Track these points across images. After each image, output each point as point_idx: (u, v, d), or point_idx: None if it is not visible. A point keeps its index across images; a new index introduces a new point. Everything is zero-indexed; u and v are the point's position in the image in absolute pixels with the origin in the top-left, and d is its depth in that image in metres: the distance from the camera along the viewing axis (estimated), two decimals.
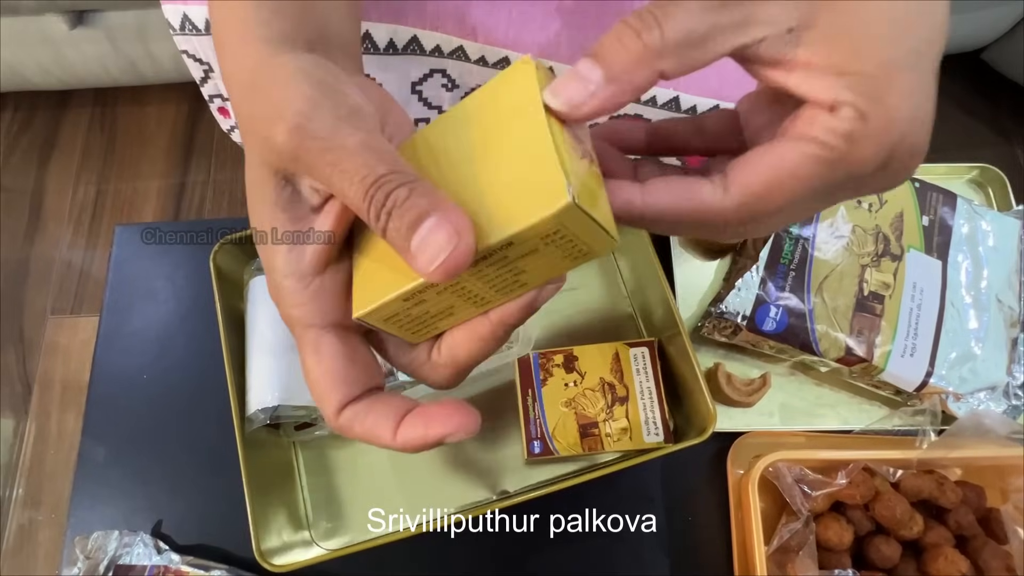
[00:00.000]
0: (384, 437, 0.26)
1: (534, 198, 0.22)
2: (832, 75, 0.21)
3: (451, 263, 0.21)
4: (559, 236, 0.22)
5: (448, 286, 0.24)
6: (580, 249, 0.23)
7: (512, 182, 0.23)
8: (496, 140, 0.24)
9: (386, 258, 0.25)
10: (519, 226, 0.22)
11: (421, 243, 0.21)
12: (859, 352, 0.49)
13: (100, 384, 0.54)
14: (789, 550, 0.46)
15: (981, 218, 0.54)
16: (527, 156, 0.23)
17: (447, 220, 0.21)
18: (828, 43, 0.21)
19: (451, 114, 0.26)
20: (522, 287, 0.25)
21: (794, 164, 0.22)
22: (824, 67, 0.21)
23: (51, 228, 1.48)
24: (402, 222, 0.21)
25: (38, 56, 1.34)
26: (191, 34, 0.52)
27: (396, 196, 0.22)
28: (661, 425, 0.48)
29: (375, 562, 0.48)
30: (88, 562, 0.47)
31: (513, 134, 0.23)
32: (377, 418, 0.26)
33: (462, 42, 0.49)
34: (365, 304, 0.25)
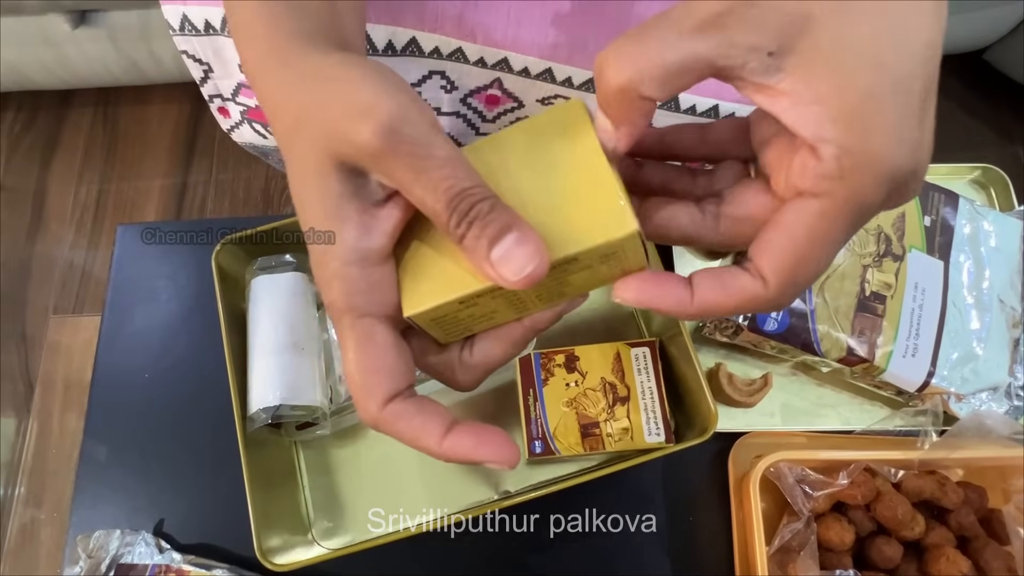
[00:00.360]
0: (430, 441, 0.27)
1: (603, 222, 0.25)
2: (814, 106, 0.21)
3: (535, 275, 0.24)
4: (613, 256, 0.26)
5: (502, 292, 0.26)
6: (623, 268, 0.27)
7: (579, 205, 0.26)
8: (555, 167, 0.27)
9: (438, 262, 0.27)
10: (588, 244, 0.25)
11: (505, 254, 0.24)
12: (860, 352, 0.49)
13: (102, 383, 0.54)
14: (790, 550, 0.46)
15: (983, 218, 0.54)
16: (590, 184, 0.26)
17: (530, 237, 0.24)
18: (809, 71, 0.21)
19: (503, 137, 0.28)
20: (561, 297, 0.28)
21: (808, 229, 0.23)
22: (806, 98, 0.21)
23: (53, 228, 1.49)
24: (484, 232, 0.24)
25: (41, 56, 1.34)
26: (191, 34, 0.52)
27: (480, 208, 0.24)
28: (662, 425, 0.48)
29: (376, 562, 0.48)
30: (90, 561, 0.47)
31: (572, 163, 0.26)
32: (426, 420, 0.27)
33: (461, 43, 0.49)
34: (419, 304, 0.27)
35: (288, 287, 0.48)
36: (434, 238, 0.27)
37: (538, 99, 0.54)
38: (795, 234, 0.23)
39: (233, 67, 0.53)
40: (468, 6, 0.47)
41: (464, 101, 0.54)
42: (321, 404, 0.46)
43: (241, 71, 0.53)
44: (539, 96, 0.53)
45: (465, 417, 0.53)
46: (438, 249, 0.27)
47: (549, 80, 0.51)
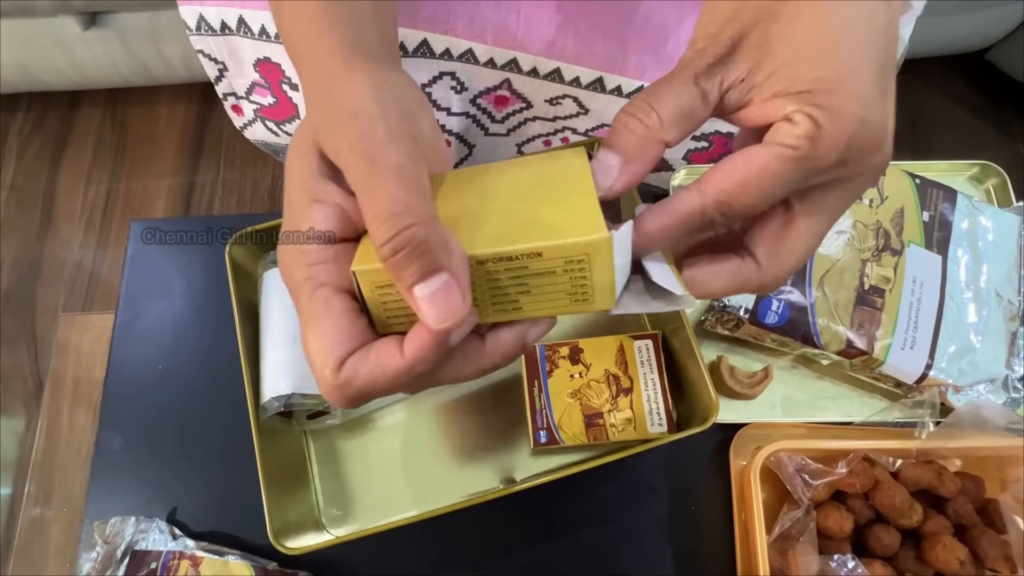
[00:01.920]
0: (393, 360, 0.26)
1: (575, 226, 0.25)
2: (780, 98, 0.25)
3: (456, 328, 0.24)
4: (579, 267, 0.26)
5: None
6: (584, 292, 0.27)
7: (555, 211, 0.26)
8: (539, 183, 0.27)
9: None
10: (555, 240, 0.25)
11: (430, 295, 0.24)
12: (860, 345, 0.50)
13: (116, 375, 0.55)
14: (790, 538, 0.47)
15: (981, 214, 0.55)
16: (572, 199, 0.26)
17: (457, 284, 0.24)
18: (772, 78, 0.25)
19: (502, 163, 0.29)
20: (516, 311, 0.28)
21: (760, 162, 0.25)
22: (773, 95, 0.25)
23: (62, 227, 1.50)
24: (408, 265, 0.24)
25: (51, 57, 1.36)
26: (207, 34, 0.53)
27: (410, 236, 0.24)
28: (665, 416, 0.49)
29: (384, 548, 0.50)
30: (106, 547, 0.48)
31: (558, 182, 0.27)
32: (379, 351, 0.26)
33: (471, 44, 0.50)
34: (367, 262, 0.26)
35: None
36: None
37: (546, 99, 0.55)
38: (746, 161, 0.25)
39: (247, 66, 0.54)
40: (479, 7, 0.49)
41: (474, 102, 0.56)
42: None
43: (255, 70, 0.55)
44: (547, 96, 0.54)
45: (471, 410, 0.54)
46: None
47: (557, 80, 0.52)
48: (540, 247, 0.25)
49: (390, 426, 0.53)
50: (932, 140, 1.50)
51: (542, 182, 0.27)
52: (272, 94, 0.56)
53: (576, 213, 0.26)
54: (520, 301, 0.27)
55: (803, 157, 0.24)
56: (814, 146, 0.24)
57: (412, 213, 0.24)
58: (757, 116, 0.26)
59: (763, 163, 0.25)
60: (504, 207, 0.27)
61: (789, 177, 0.25)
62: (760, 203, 0.26)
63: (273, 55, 0.52)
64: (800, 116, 0.24)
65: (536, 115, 0.57)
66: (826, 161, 0.24)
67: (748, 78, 0.25)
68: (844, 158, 0.24)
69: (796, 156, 0.24)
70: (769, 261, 0.28)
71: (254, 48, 0.53)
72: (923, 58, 1.47)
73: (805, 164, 0.24)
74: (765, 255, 0.28)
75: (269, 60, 0.53)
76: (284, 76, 0.53)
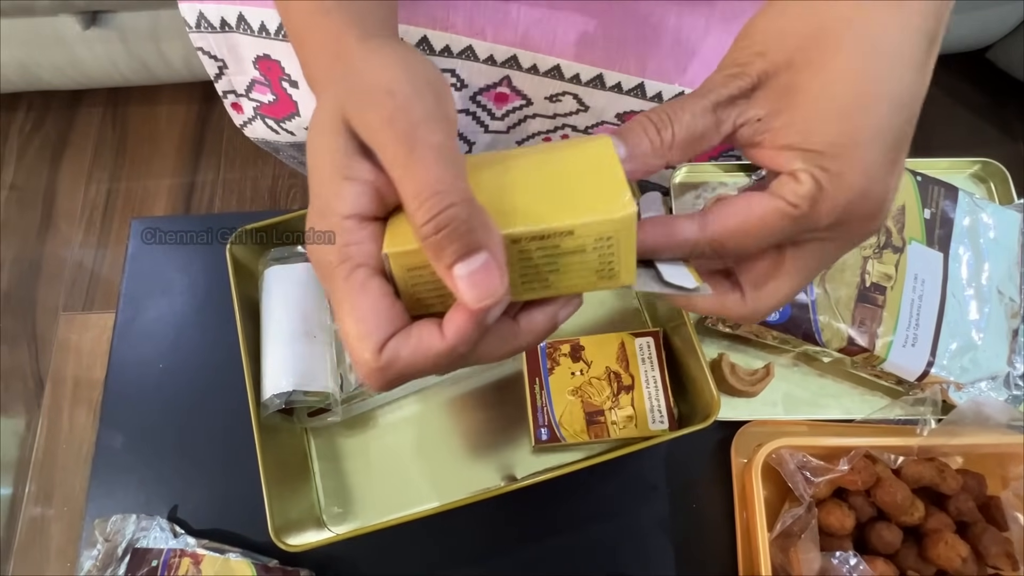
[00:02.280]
0: (435, 342, 0.25)
1: (604, 204, 0.26)
2: (790, 152, 0.26)
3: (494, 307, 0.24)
4: (608, 244, 0.26)
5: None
6: (611, 268, 0.27)
7: (585, 192, 0.27)
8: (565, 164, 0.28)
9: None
10: (588, 218, 0.26)
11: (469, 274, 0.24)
12: (861, 342, 0.50)
13: (117, 374, 0.55)
14: (792, 535, 0.47)
15: (982, 211, 0.55)
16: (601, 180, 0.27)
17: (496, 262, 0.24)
18: (787, 128, 0.26)
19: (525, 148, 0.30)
20: (546, 289, 0.28)
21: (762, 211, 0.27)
22: (785, 146, 0.26)
23: (63, 226, 1.50)
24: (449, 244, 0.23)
25: (52, 56, 1.36)
26: (207, 31, 0.53)
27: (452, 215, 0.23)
28: (666, 413, 0.49)
29: (385, 545, 0.50)
30: (107, 545, 0.48)
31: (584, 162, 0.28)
32: (420, 333, 0.26)
33: (471, 41, 0.50)
34: (400, 243, 0.26)
35: (301, 277, 0.49)
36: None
37: (546, 96, 0.55)
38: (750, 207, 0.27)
39: (247, 64, 0.54)
40: (478, 5, 0.49)
41: (474, 99, 0.56)
42: (332, 391, 0.47)
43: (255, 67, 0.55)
44: (547, 93, 0.54)
45: (472, 407, 0.54)
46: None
47: (557, 77, 0.52)
48: (573, 225, 0.26)
49: (391, 424, 0.53)
50: (932, 139, 1.50)
51: (569, 163, 0.28)
52: (272, 91, 0.56)
53: (605, 191, 0.26)
54: (550, 279, 0.28)
55: (801, 216, 0.26)
56: (814, 208, 0.25)
57: (453, 192, 0.23)
58: (765, 160, 0.27)
59: (764, 213, 0.26)
60: (533, 187, 0.27)
61: (786, 230, 0.27)
62: (754, 248, 0.28)
63: (273, 52, 0.52)
64: (806, 176, 0.25)
65: (536, 112, 0.57)
66: (821, 222, 0.26)
67: (765, 120, 0.27)
68: (839, 221, 0.26)
69: (795, 214, 0.26)
70: (754, 295, 0.30)
71: (254, 45, 0.52)
72: None
73: (801, 222, 0.26)
74: (751, 289, 0.30)
75: (269, 57, 0.53)
76: (284, 73, 0.53)
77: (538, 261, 0.27)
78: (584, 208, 0.26)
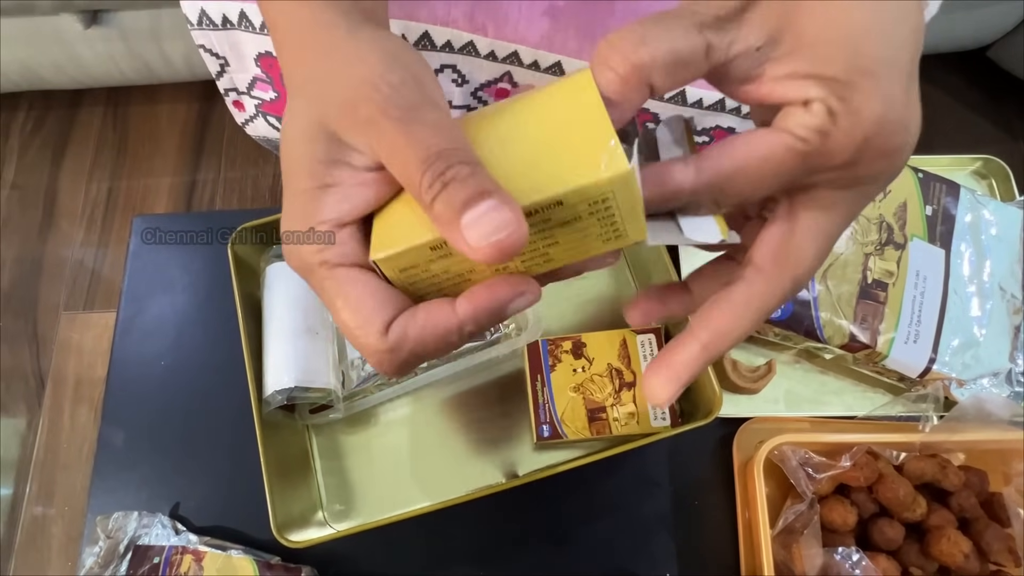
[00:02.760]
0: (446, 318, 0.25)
1: (592, 164, 0.22)
2: (800, 79, 0.23)
3: (508, 243, 0.21)
4: (605, 206, 0.23)
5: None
6: (616, 229, 0.24)
7: (570, 152, 0.23)
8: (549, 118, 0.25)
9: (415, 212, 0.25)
10: (573, 184, 0.22)
11: (476, 218, 0.21)
12: (863, 339, 0.50)
13: (119, 371, 0.55)
14: (794, 532, 0.47)
15: (984, 207, 0.55)
16: (583, 129, 0.23)
17: (508, 204, 0.21)
18: (794, 55, 0.23)
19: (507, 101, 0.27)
20: (547, 263, 0.26)
21: (765, 148, 0.23)
22: (790, 74, 0.23)
23: (64, 226, 1.50)
24: (456, 195, 0.22)
25: (53, 55, 1.36)
26: (208, 29, 0.53)
27: (457, 171, 0.22)
28: (668, 410, 0.49)
29: (387, 541, 0.50)
30: (109, 542, 0.48)
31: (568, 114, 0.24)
32: (428, 309, 0.25)
33: (472, 37, 0.50)
34: (387, 246, 0.25)
35: None
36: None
37: None
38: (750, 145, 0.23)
39: (249, 61, 0.54)
40: (479, 3, 0.49)
41: (475, 95, 0.56)
42: (334, 387, 0.47)
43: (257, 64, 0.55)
44: None
45: (473, 404, 0.54)
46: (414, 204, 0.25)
47: (559, 73, 0.52)
48: (559, 194, 0.23)
49: (393, 421, 0.53)
50: (933, 138, 1.48)
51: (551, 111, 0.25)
52: (273, 89, 0.56)
53: (589, 146, 0.23)
54: (550, 253, 0.26)
55: (812, 152, 0.22)
56: (825, 142, 0.22)
57: (456, 153, 0.23)
58: (764, 93, 0.24)
59: (768, 151, 0.23)
60: (518, 149, 0.25)
61: (792, 171, 0.23)
62: (755, 193, 0.24)
63: (274, 49, 0.52)
64: (818, 106, 0.22)
65: None
66: (834, 159, 0.23)
67: (765, 48, 0.23)
68: (854, 160, 0.23)
69: (804, 150, 0.22)
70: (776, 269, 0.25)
71: (255, 42, 0.52)
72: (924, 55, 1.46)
73: (811, 160, 0.23)
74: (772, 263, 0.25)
75: (271, 54, 0.53)
76: None
77: (532, 237, 0.24)
78: (569, 172, 0.23)
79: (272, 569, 0.47)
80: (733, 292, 0.25)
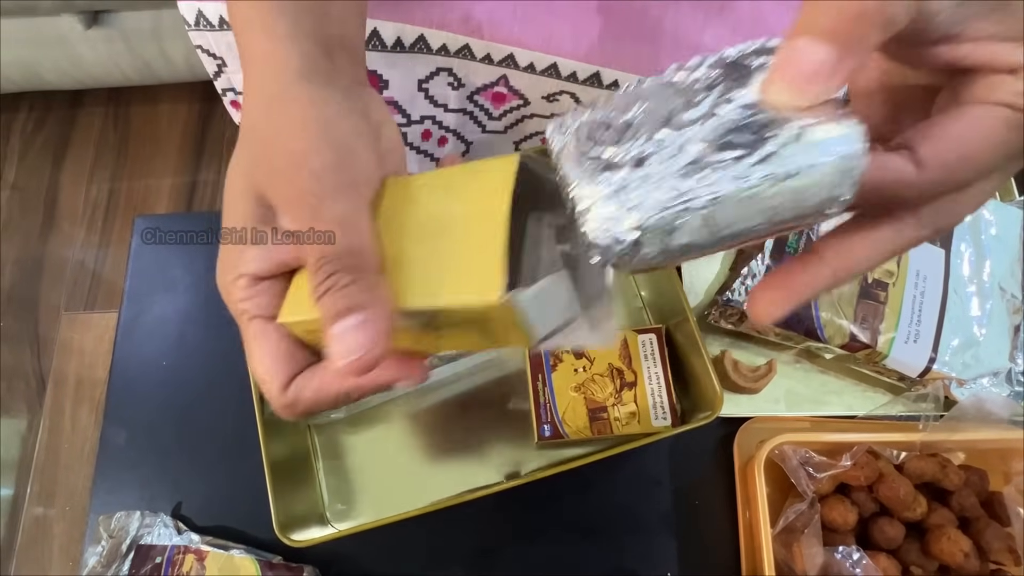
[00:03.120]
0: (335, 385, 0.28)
1: (473, 284, 0.23)
2: (1010, 42, 0.20)
3: (363, 362, 0.25)
4: (483, 319, 0.24)
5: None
6: (495, 339, 0.26)
7: (461, 262, 0.24)
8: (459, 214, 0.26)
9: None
10: (451, 301, 0.24)
11: (342, 332, 0.25)
12: (863, 338, 0.50)
13: (121, 371, 0.55)
14: (795, 531, 0.47)
15: (983, 207, 0.55)
16: (483, 238, 0.24)
17: (373, 323, 0.25)
18: (999, 13, 0.20)
19: (436, 173, 0.28)
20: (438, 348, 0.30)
21: (987, 130, 0.20)
22: (999, 36, 0.20)
23: (65, 226, 1.51)
24: (332, 303, 0.25)
25: (54, 55, 1.36)
26: (205, 29, 0.53)
27: (338, 279, 0.25)
28: (668, 410, 0.49)
29: (388, 541, 0.50)
30: (111, 541, 0.48)
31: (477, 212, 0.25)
32: (322, 377, 0.28)
33: (468, 40, 0.50)
34: (293, 313, 0.28)
35: None
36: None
37: (543, 95, 0.55)
38: (970, 133, 0.20)
39: None
40: (475, 5, 0.49)
41: (471, 98, 0.56)
42: None
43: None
44: (545, 92, 0.54)
45: (475, 405, 0.54)
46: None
47: (554, 75, 0.52)
48: (438, 306, 0.24)
49: (394, 420, 0.53)
50: None
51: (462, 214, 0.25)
52: None
53: (479, 267, 0.23)
54: (439, 343, 0.28)
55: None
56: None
57: (342, 258, 0.25)
58: (964, 55, 0.21)
59: (988, 130, 0.20)
60: (418, 249, 0.26)
61: (1012, 145, 0.20)
62: (974, 180, 0.21)
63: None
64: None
65: (533, 112, 0.57)
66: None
67: (966, 2, 0.20)
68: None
69: (1021, 123, 0.20)
70: (935, 163, 0.20)
71: None
72: None
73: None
74: (926, 145, 0.21)
75: None
76: None
77: (419, 330, 0.27)
78: (452, 285, 0.24)
79: (274, 568, 0.47)
80: (878, 160, 0.21)
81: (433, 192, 0.27)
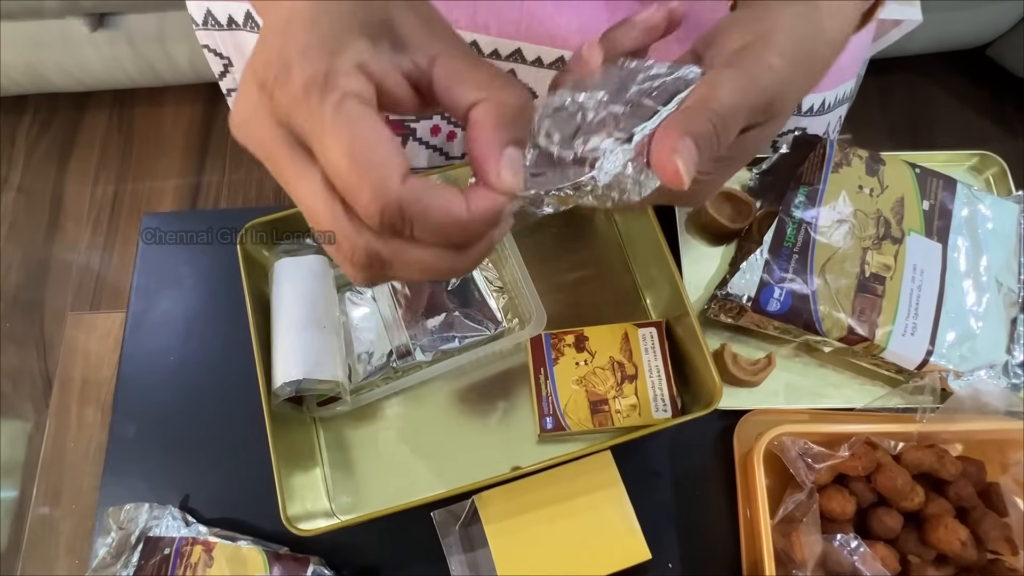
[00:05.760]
0: (459, 207, 0.24)
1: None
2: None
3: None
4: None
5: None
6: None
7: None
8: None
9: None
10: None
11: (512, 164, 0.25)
12: (861, 331, 0.51)
13: (129, 366, 0.56)
14: (794, 521, 0.47)
15: (980, 202, 0.56)
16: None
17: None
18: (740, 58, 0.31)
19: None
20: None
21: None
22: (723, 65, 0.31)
23: (70, 228, 1.52)
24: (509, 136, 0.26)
25: (59, 58, 1.37)
26: (214, 29, 0.54)
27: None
28: (669, 402, 0.50)
29: (393, 532, 0.50)
30: (121, 532, 0.49)
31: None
32: (445, 192, 0.24)
33: (475, 36, 0.51)
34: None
35: (310, 268, 0.50)
36: None
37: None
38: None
39: None
40: (481, 3, 0.49)
41: None
42: (341, 379, 0.48)
43: None
44: None
45: (478, 398, 0.55)
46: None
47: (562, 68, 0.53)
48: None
49: (398, 413, 0.53)
50: (933, 136, 1.50)
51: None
52: None
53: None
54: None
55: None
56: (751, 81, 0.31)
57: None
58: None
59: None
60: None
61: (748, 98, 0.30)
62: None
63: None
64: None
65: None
66: (761, 99, 0.31)
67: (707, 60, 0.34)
68: (767, 107, 0.31)
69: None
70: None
71: None
72: (924, 54, 1.47)
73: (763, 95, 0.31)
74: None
75: None
76: None
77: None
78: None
79: (280, 559, 0.48)
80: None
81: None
